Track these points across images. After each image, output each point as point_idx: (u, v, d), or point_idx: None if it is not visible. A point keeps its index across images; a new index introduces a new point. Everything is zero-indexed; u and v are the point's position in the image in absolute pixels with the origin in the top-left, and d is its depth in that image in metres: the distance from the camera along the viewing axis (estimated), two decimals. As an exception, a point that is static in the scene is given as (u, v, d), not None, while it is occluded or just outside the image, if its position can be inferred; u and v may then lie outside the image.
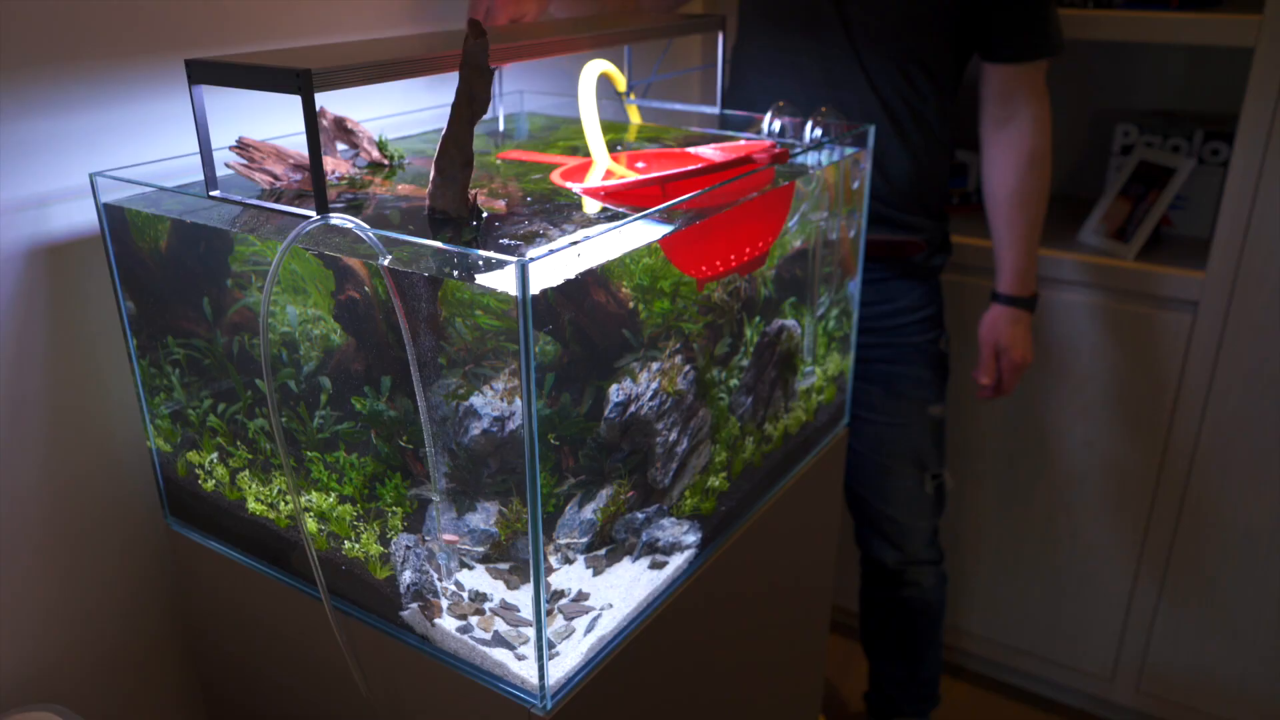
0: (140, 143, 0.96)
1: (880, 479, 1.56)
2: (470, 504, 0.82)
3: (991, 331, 1.50)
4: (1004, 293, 1.48)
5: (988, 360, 1.52)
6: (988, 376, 1.53)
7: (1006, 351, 1.50)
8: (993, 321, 1.50)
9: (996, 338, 1.50)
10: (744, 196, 0.92)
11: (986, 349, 1.52)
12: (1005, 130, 1.42)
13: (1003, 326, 1.49)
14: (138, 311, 0.94)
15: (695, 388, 0.95)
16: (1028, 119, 1.40)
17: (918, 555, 1.59)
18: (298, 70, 0.69)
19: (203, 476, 0.96)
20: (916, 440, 1.53)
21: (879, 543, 1.61)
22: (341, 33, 1.13)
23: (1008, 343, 1.49)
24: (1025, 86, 1.39)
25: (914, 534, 1.58)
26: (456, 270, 0.72)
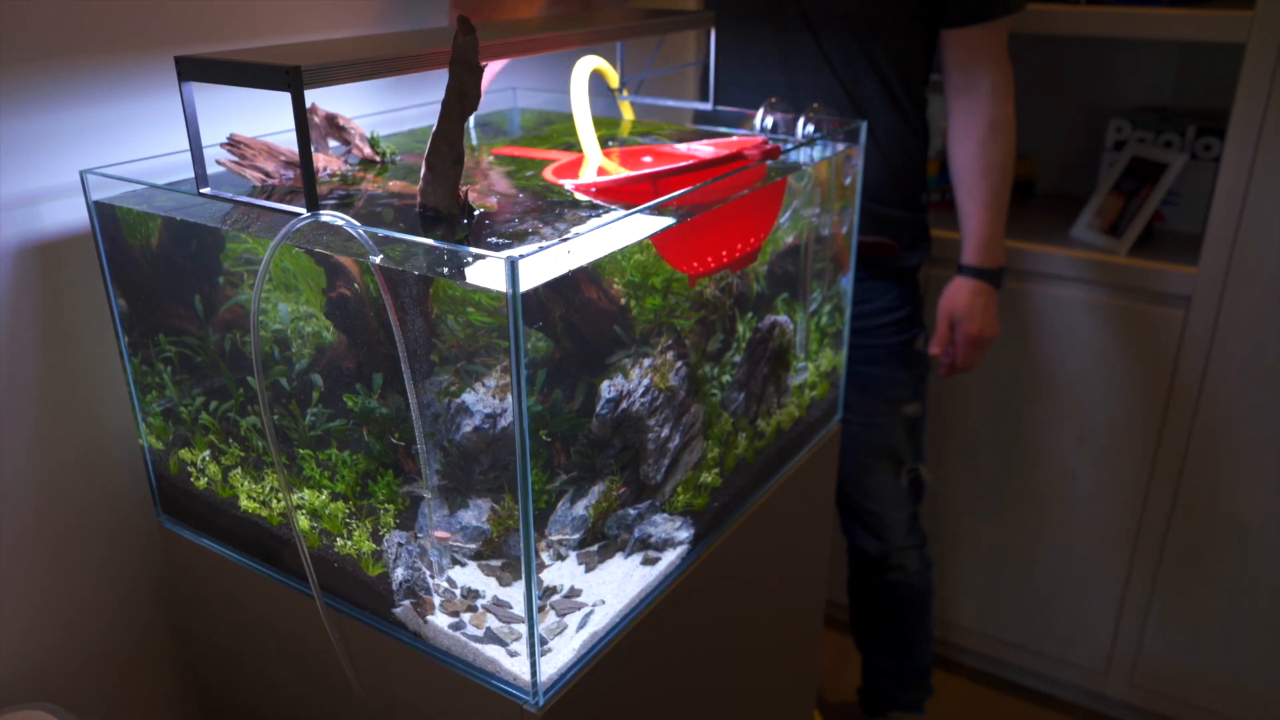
0: (131, 140, 0.96)
1: (859, 475, 1.58)
2: (462, 501, 0.82)
3: (949, 302, 1.48)
4: (966, 263, 1.46)
5: (943, 331, 1.50)
6: (939, 347, 1.51)
7: (962, 323, 1.47)
8: (952, 292, 1.48)
9: (953, 308, 1.48)
10: (736, 193, 0.92)
11: (942, 319, 1.50)
12: (966, 98, 1.39)
13: (961, 297, 1.46)
14: (129, 309, 0.94)
15: (687, 384, 0.95)
16: (988, 85, 1.38)
17: (899, 543, 1.61)
18: (288, 67, 0.69)
19: (195, 474, 0.96)
20: (891, 439, 1.55)
21: (862, 533, 1.63)
22: (333, 30, 1.13)
23: (964, 313, 1.47)
24: (984, 52, 1.36)
25: (894, 525, 1.60)
26: (447, 268, 0.72)
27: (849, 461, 1.57)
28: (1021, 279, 1.71)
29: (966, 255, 1.46)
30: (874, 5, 1.32)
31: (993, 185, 1.41)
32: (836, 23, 1.32)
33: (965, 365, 1.51)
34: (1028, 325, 1.74)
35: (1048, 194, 2.01)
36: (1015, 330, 1.74)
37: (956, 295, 1.47)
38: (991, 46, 1.36)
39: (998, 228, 1.44)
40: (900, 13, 1.33)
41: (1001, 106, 1.38)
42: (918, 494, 1.61)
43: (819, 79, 1.36)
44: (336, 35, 1.13)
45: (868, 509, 1.60)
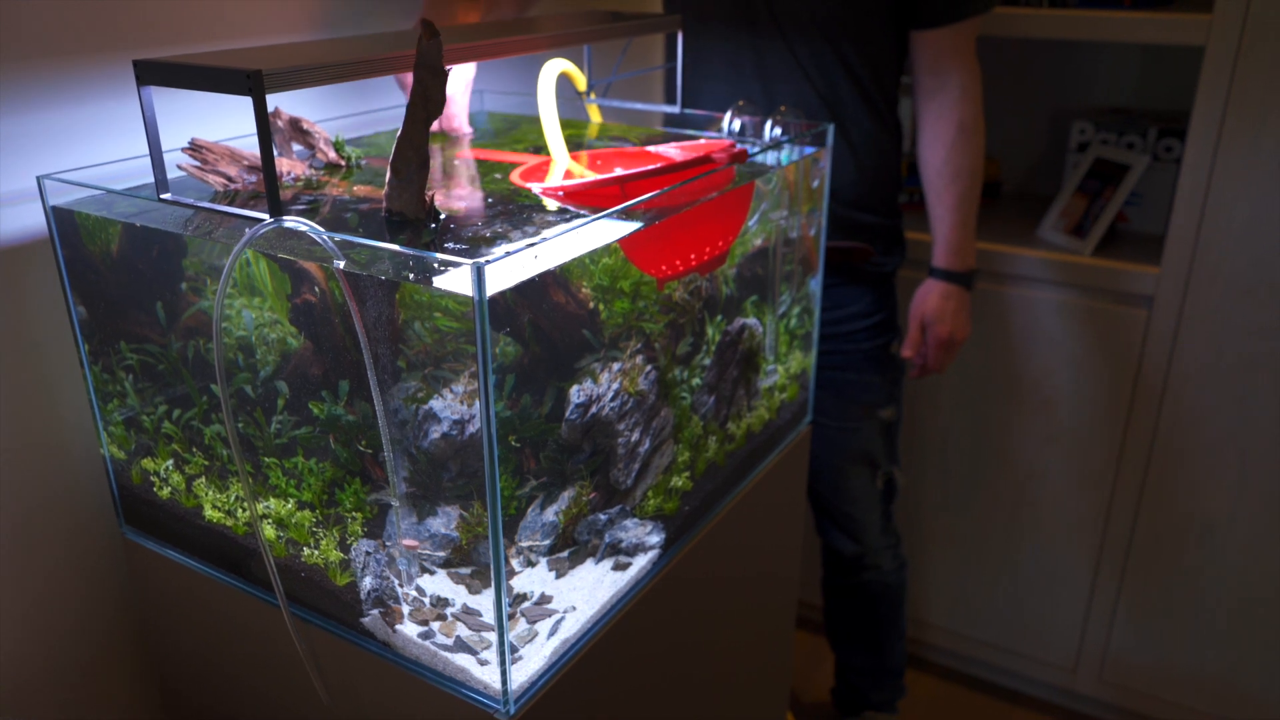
0: (90, 144, 0.94)
1: (834, 478, 1.58)
2: (431, 508, 0.81)
3: (920, 304, 1.49)
4: (936, 265, 1.47)
5: (914, 334, 1.50)
6: (912, 350, 1.51)
7: (933, 325, 1.48)
8: (923, 295, 1.49)
9: (923, 310, 1.48)
10: (703, 196, 0.92)
11: (913, 322, 1.50)
12: (935, 101, 1.40)
13: (932, 300, 1.47)
14: (89, 316, 0.92)
15: (657, 388, 0.95)
16: (956, 87, 1.38)
17: (874, 544, 1.62)
18: (248, 71, 0.68)
19: (158, 484, 0.94)
20: (866, 444, 1.55)
21: (837, 534, 1.63)
22: (296, 33, 1.11)
23: (934, 316, 1.47)
24: (953, 53, 1.37)
25: (869, 526, 1.61)
26: (413, 273, 0.71)
27: (824, 465, 1.58)
28: (988, 279, 1.72)
29: (937, 258, 1.46)
30: (845, 9, 1.32)
31: (962, 188, 1.41)
32: (809, 27, 1.32)
33: (936, 367, 1.52)
34: (994, 325, 1.75)
35: (1013, 195, 2.03)
36: (982, 330, 1.76)
37: (927, 298, 1.48)
38: (960, 48, 1.37)
39: (968, 230, 1.45)
40: (872, 16, 1.33)
41: (970, 109, 1.39)
42: (891, 495, 1.62)
43: (793, 84, 1.36)
44: (300, 39, 1.12)
45: (843, 511, 1.61)
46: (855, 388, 1.52)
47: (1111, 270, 1.63)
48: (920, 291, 1.49)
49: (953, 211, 1.42)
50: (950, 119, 1.38)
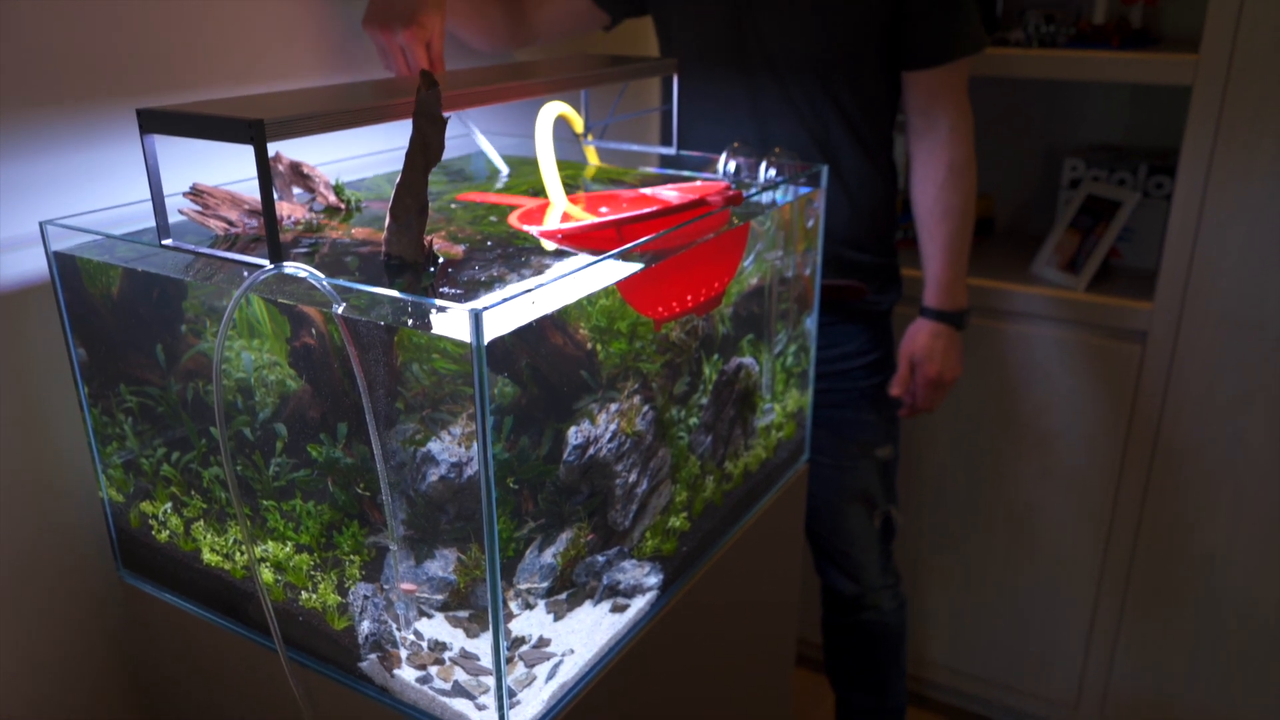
0: (93, 190, 0.95)
1: (832, 518, 1.58)
2: (429, 551, 0.81)
3: (909, 344, 1.49)
4: (927, 305, 1.47)
5: (904, 373, 1.50)
6: (900, 388, 1.51)
7: (921, 365, 1.48)
8: (913, 333, 1.49)
9: (913, 349, 1.48)
10: (699, 239, 0.93)
11: (903, 361, 1.50)
12: (926, 141, 1.41)
13: (921, 339, 1.47)
14: (89, 359, 0.93)
15: (654, 428, 0.95)
16: (946, 128, 1.39)
17: (873, 583, 1.61)
18: (250, 120, 0.69)
19: (156, 527, 0.94)
20: (864, 482, 1.54)
21: (836, 574, 1.63)
22: (297, 77, 1.13)
23: (923, 355, 1.47)
24: (945, 93, 1.38)
25: (867, 566, 1.60)
26: (412, 319, 0.72)
27: (821, 504, 1.57)
28: (983, 315, 1.73)
29: (928, 297, 1.47)
30: (839, 51, 1.33)
31: (953, 228, 1.42)
32: (803, 69, 1.34)
33: (925, 406, 1.52)
34: (990, 361, 1.76)
35: (1006, 231, 2.05)
36: (978, 366, 1.76)
37: (916, 337, 1.48)
38: (951, 89, 1.38)
39: (959, 270, 1.45)
40: (864, 57, 1.35)
41: (961, 149, 1.40)
42: (889, 534, 1.61)
43: (787, 125, 1.38)
44: (301, 84, 1.13)
45: (841, 550, 1.60)
46: (852, 426, 1.52)
47: (1105, 306, 1.64)
48: (910, 330, 1.49)
49: (943, 250, 1.43)
50: (941, 159, 1.40)
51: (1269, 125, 1.44)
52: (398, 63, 1.11)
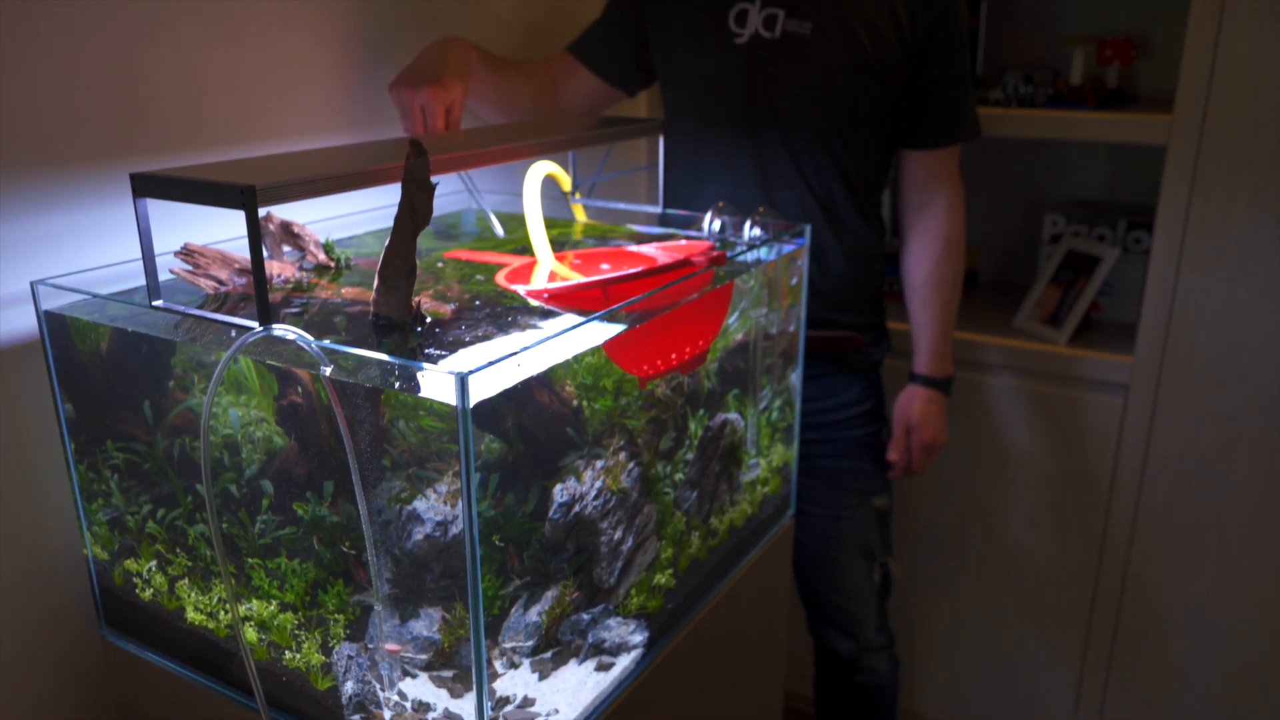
0: (85, 249, 0.97)
1: (829, 571, 1.57)
2: (413, 610, 0.81)
3: (904, 410, 1.52)
4: (919, 373, 1.51)
5: (899, 437, 1.53)
6: (897, 453, 1.53)
7: (917, 430, 1.51)
8: (907, 400, 1.52)
9: (909, 416, 1.51)
10: (684, 299, 0.95)
11: (899, 426, 1.53)
12: (922, 217, 1.46)
13: (916, 405, 1.51)
14: (77, 416, 0.93)
15: (640, 484, 0.96)
16: (944, 205, 1.44)
17: (870, 642, 1.60)
18: (242, 186, 0.71)
19: (140, 585, 0.94)
20: (862, 532, 1.55)
21: (832, 632, 1.61)
22: (288, 139, 1.15)
23: (918, 421, 1.50)
24: (942, 172, 1.43)
25: (865, 621, 1.59)
26: (398, 381, 0.72)
27: (818, 557, 1.57)
28: (967, 368, 1.75)
29: (920, 365, 1.51)
30: (848, 123, 1.38)
31: (945, 299, 1.47)
32: (811, 137, 1.38)
33: (920, 469, 1.55)
34: (976, 413, 1.78)
35: (989, 285, 2.08)
36: (965, 418, 1.78)
37: (911, 403, 1.51)
38: (948, 167, 1.44)
39: (949, 339, 1.50)
40: (871, 130, 1.39)
41: (955, 225, 1.45)
42: (887, 589, 1.61)
43: (793, 190, 1.41)
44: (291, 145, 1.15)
45: (838, 605, 1.59)
46: (849, 475, 1.53)
47: (1087, 359, 1.66)
48: (904, 397, 1.52)
49: (936, 321, 1.48)
50: (938, 235, 1.44)
51: (1243, 182, 1.47)
52: (415, 122, 1.15)
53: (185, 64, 1.02)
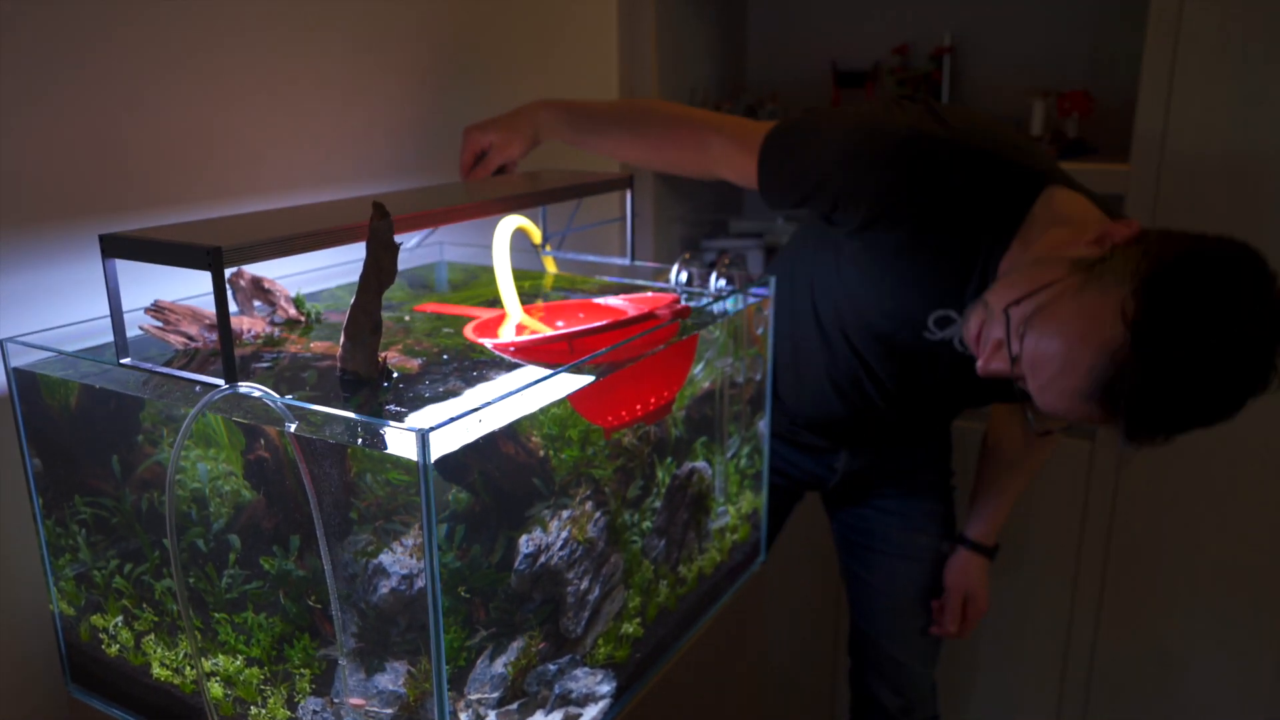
0: (56, 306, 0.98)
1: (889, 618, 1.53)
2: (379, 664, 0.82)
3: (962, 578, 1.48)
4: (979, 541, 1.49)
5: (955, 607, 1.49)
6: (955, 625, 1.50)
7: (975, 599, 1.49)
8: (964, 567, 1.48)
9: (967, 584, 1.48)
10: (648, 351, 0.97)
11: (955, 595, 1.49)
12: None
13: (974, 573, 1.48)
14: (45, 471, 0.94)
15: (607, 533, 0.97)
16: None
17: (917, 703, 1.54)
18: (209, 248, 0.72)
19: (106, 641, 0.94)
20: (932, 578, 1.51)
21: (878, 683, 1.56)
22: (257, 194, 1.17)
23: (976, 589, 1.48)
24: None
25: (918, 680, 1.54)
26: (362, 438, 0.74)
27: (879, 602, 1.52)
28: (937, 412, 1.77)
29: (979, 533, 1.49)
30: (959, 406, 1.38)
31: (1025, 484, 1.48)
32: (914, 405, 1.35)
33: (965, 635, 1.52)
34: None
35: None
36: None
37: (968, 572, 1.49)
38: None
39: (1009, 514, 1.50)
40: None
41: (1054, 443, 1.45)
42: (939, 644, 1.56)
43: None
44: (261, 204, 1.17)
45: (890, 656, 1.53)
46: (920, 515, 1.50)
47: (1054, 403, 1.69)
48: (959, 565, 1.49)
49: (1010, 501, 1.48)
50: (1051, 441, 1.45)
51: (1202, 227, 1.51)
52: (466, 161, 1.27)
53: (157, 123, 1.04)
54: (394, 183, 1.36)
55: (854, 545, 1.55)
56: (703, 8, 2.01)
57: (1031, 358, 0.99)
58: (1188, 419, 0.95)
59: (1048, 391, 0.99)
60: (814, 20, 2.12)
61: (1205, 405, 0.94)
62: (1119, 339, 0.92)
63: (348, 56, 1.26)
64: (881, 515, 1.49)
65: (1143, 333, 0.91)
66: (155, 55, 1.03)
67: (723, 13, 2.11)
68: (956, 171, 1.08)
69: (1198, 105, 1.47)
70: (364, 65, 1.29)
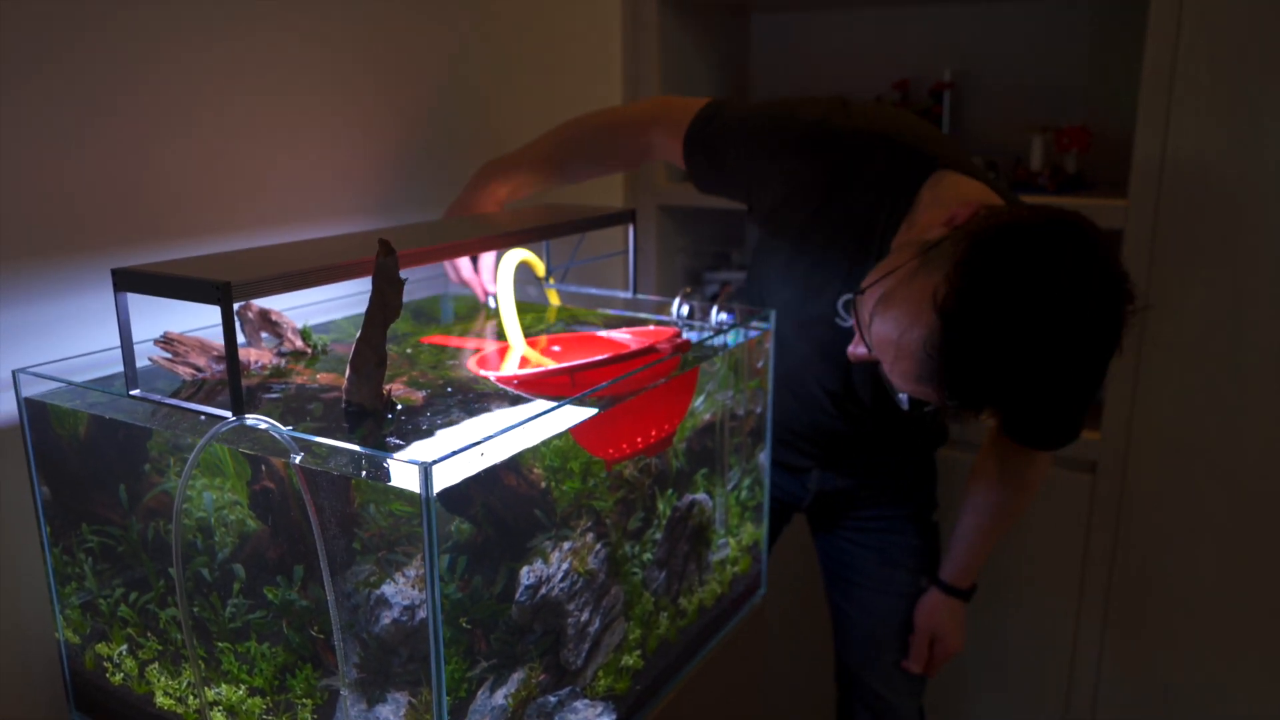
0: (64, 337, 0.99)
1: (872, 651, 1.52)
2: (380, 695, 0.82)
3: (931, 618, 1.47)
4: (951, 584, 1.46)
5: (921, 649, 1.48)
6: (919, 665, 1.48)
7: (944, 639, 1.47)
8: (933, 608, 1.47)
9: (935, 625, 1.46)
10: (649, 384, 0.98)
11: (922, 636, 1.47)
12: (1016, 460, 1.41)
13: (944, 616, 1.46)
14: (53, 499, 0.95)
15: (607, 565, 0.97)
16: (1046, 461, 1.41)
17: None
18: (218, 283, 0.74)
19: (111, 670, 0.95)
20: (906, 613, 1.49)
21: (863, 715, 1.56)
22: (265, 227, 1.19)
23: (945, 630, 1.46)
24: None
25: (901, 712, 1.53)
26: (366, 471, 0.75)
27: (859, 636, 1.52)
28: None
29: (953, 576, 1.47)
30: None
31: (1004, 529, 1.45)
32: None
33: (934, 674, 1.51)
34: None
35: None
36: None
37: (938, 613, 1.47)
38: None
39: (985, 558, 1.48)
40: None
41: (1047, 468, 1.41)
42: (922, 680, 1.54)
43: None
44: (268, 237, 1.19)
45: (875, 691, 1.52)
46: (899, 550, 1.49)
47: (1054, 436, 1.69)
48: (929, 605, 1.47)
49: (987, 545, 1.46)
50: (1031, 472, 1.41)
51: (1197, 264, 1.53)
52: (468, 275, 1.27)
53: (167, 156, 1.06)
54: (401, 213, 1.38)
55: (834, 576, 1.55)
56: (706, 41, 2.05)
57: (877, 341, 1.01)
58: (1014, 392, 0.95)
59: (893, 374, 1.01)
60: (816, 55, 2.15)
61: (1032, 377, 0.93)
62: (933, 324, 0.93)
63: (354, 89, 1.28)
64: (860, 549, 1.49)
65: (950, 317, 0.91)
66: (166, 91, 1.05)
67: (726, 45, 2.14)
68: (850, 157, 1.15)
69: (1194, 139, 1.49)
70: (370, 98, 1.31)
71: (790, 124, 1.20)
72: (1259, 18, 1.42)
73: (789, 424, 1.40)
